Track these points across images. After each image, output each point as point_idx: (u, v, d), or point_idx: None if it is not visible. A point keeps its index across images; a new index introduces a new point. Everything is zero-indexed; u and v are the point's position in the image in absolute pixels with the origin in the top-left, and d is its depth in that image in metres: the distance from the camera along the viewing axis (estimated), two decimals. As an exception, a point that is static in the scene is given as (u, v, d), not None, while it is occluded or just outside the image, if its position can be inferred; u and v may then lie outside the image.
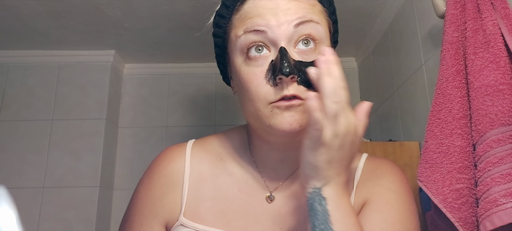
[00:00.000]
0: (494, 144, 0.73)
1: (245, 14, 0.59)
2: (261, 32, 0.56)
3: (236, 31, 0.59)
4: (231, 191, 0.66)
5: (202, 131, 2.07)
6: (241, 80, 0.59)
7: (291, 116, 0.56)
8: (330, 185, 0.53)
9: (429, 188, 0.82)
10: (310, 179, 0.53)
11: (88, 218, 1.78)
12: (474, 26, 0.82)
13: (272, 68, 0.56)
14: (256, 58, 0.57)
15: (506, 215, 0.68)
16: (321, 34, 0.58)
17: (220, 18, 0.63)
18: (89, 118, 1.91)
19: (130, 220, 0.68)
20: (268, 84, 0.56)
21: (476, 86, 0.78)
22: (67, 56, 1.98)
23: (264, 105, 0.57)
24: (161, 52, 2.02)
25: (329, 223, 0.51)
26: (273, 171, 0.67)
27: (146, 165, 0.75)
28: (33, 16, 1.64)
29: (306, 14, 0.57)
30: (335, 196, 0.53)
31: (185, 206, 0.65)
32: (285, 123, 0.56)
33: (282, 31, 0.56)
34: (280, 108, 0.56)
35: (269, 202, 0.65)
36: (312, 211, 0.52)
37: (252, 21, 0.57)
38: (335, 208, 0.52)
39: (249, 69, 0.58)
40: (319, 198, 0.52)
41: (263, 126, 0.59)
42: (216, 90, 2.12)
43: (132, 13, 1.63)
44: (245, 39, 0.57)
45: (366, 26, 1.77)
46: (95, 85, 1.95)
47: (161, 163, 0.70)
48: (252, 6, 0.58)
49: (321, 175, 0.52)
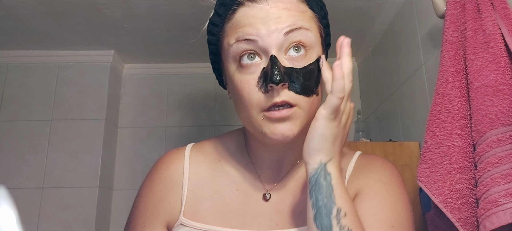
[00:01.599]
0: (494, 144, 0.73)
1: (236, 23, 0.60)
2: (252, 41, 0.58)
3: (228, 39, 0.61)
4: (229, 190, 0.69)
5: (201, 131, 2.07)
6: (235, 87, 0.61)
7: (284, 125, 0.58)
8: (333, 162, 0.56)
9: (429, 188, 0.82)
10: (317, 153, 0.56)
11: (87, 219, 1.77)
12: (474, 26, 0.82)
13: (264, 76, 0.58)
14: (248, 66, 0.59)
15: (506, 215, 0.68)
16: (311, 40, 0.60)
17: (213, 26, 0.64)
18: (89, 118, 1.91)
19: (133, 222, 0.70)
20: (260, 92, 0.58)
21: (476, 86, 0.78)
22: (66, 57, 1.98)
23: (256, 112, 0.59)
24: (161, 52, 2.02)
25: (332, 197, 0.54)
26: (269, 171, 0.69)
27: (146, 165, 0.76)
28: (32, 16, 1.63)
29: (296, 22, 0.59)
30: (337, 172, 0.56)
31: (184, 206, 0.67)
32: (278, 134, 0.58)
33: (272, 39, 0.57)
34: (271, 119, 0.58)
35: (266, 200, 0.68)
36: (316, 186, 0.55)
37: (243, 30, 0.59)
38: (337, 184, 0.55)
39: (241, 76, 0.60)
40: (324, 172, 0.55)
41: (257, 132, 0.61)
42: (215, 90, 2.12)
43: (132, 13, 1.63)
44: (237, 47, 0.59)
45: (366, 26, 1.77)
46: (94, 85, 1.95)
47: (161, 166, 0.72)
48: (243, 15, 0.60)
49: (327, 150, 0.56)
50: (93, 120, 1.91)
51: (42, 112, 1.91)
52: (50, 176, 1.82)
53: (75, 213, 1.78)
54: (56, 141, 1.87)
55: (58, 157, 1.85)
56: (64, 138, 1.88)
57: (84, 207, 1.79)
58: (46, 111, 1.91)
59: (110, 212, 1.94)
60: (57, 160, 1.85)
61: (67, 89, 1.95)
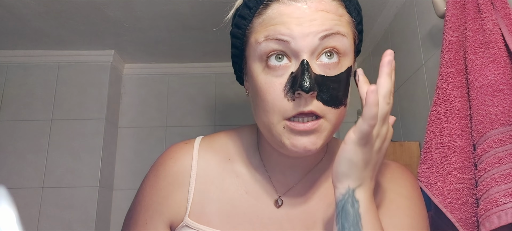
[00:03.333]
0: (494, 144, 0.73)
1: (268, 19, 0.55)
2: (284, 42, 0.53)
3: (256, 36, 0.56)
4: (239, 193, 0.64)
5: (201, 131, 2.07)
6: (258, 89, 0.56)
7: (307, 139, 0.54)
8: (363, 187, 0.53)
9: (429, 188, 0.82)
10: (345, 178, 0.52)
11: (87, 218, 1.78)
12: (474, 26, 0.82)
13: (292, 81, 0.53)
14: (276, 67, 0.54)
15: (506, 215, 0.68)
16: (346, 47, 0.56)
17: (241, 19, 0.59)
18: (89, 118, 1.91)
19: (135, 217, 0.67)
20: (286, 99, 0.54)
21: (476, 86, 0.78)
22: (67, 56, 1.98)
23: (278, 120, 0.55)
24: (161, 52, 2.02)
25: (359, 226, 0.51)
26: (282, 175, 0.65)
27: (146, 165, 0.74)
28: (32, 16, 1.63)
29: (333, 26, 0.54)
30: (367, 199, 0.53)
31: (190, 206, 0.63)
32: (299, 146, 0.54)
33: (306, 43, 0.53)
34: (293, 131, 0.54)
35: (277, 207, 0.64)
36: (343, 212, 0.52)
37: (275, 28, 0.54)
38: (366, 211, 0.52)
39: (267, 78, 0.55)
40: (352, 199, 0.52)
41: (275, 140, 0.57)
42: (216, 90, 2.12)
43: (132, 13, 1.63)
44: (266, 46, 0.54)
45: (366, 26, 1.77)
46: (94, 85, 1.95)
47: (168, 161, 0.67)
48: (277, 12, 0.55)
49: (356, 175, 0.52)
50: (93, 119, 1.91)
51: (43, 112, 1.91)
52: (50, 176, 1.82)
53: (75, 213, 1.78)
54: (57, 141, 1.87)
55: (58, 156, 1.85)
56: (64, 138, 1.88)
57: (84, 207, 1.79)
58: (46, 111, 1.91)
59: (110, 212, 1.94)
60: (58, 160, 1.85)
61: (67, 89, 1.95)
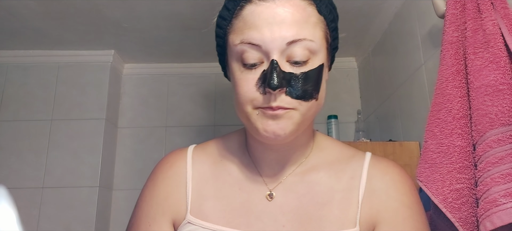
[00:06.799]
0: (494, 144, 0.73)
1: (243, 21, 0.61)
2: (256, 45, 0.59)
3: (233, 38, 0.62)
4: (232, 189, 0.69)
5: (201, 131, 2.07)
6: (235, 83, 0.63)
7: (276, 124, 0.59)
8: None
9: (429, 188, 0.82)
10: None
11: (87, 218, 1.77)
12: (474, 26, 0.82)
13: (263, 78, 0.59)
14: (250, 66, 0.61)
15: (506, 215, 0.68)
16: (314, 48, 0.60)
17: (221, 20, 0.65)
18: (89, 118, 1.91)
19: (136, 223, 0.69)
20: (258, 92, 0.59)
21: (476, 86, 0.78)
22: (67, 56, 1.98)
23: (251, 108, 0.61)
24: (161, 52, 2.02)
25: None
26: (270, 170, 0.69)
27: (146, 165, 0.76)
28: (32, 16, 1.63)
29: (299, 32, 0.59)
30: None
31: (190, 204, 0.68)
32: (269, 131, 0.59)
33: (275, 46, 0.58)
34: (266, 115, 0.59)
35: (270, 200, 0.67)
36: None
37: (248, 33, 0.60)
38: None
39: (243, 75, 0.61)
40: None
41: (252, 127, 0.62)
42: (216, 90, 2.12)
43: (132, 13, 1.63)
44: (241, 48, 0.60)
45: (365, 26, 1.77)
46: (94, 85, 1.95)
47: (164, 166, 0.73)
48: (250, 13, 0.61)
49: None
50: (93, 119, 1.91)
51: (42, 112, 1.91)
52: (50, 176, 1.82)
53: (75, 213, 1.78)
54: (56, 141, 1.87)
55: (58, 156, 1.85)
56: (64, 138, 1.88)
57: (84, 207, 1.79)
58: (46, 111, 1.91)
59: (110, 212, 1.94)
60: (57, 160, 1.85)
61: (67, 89, 1.95)
